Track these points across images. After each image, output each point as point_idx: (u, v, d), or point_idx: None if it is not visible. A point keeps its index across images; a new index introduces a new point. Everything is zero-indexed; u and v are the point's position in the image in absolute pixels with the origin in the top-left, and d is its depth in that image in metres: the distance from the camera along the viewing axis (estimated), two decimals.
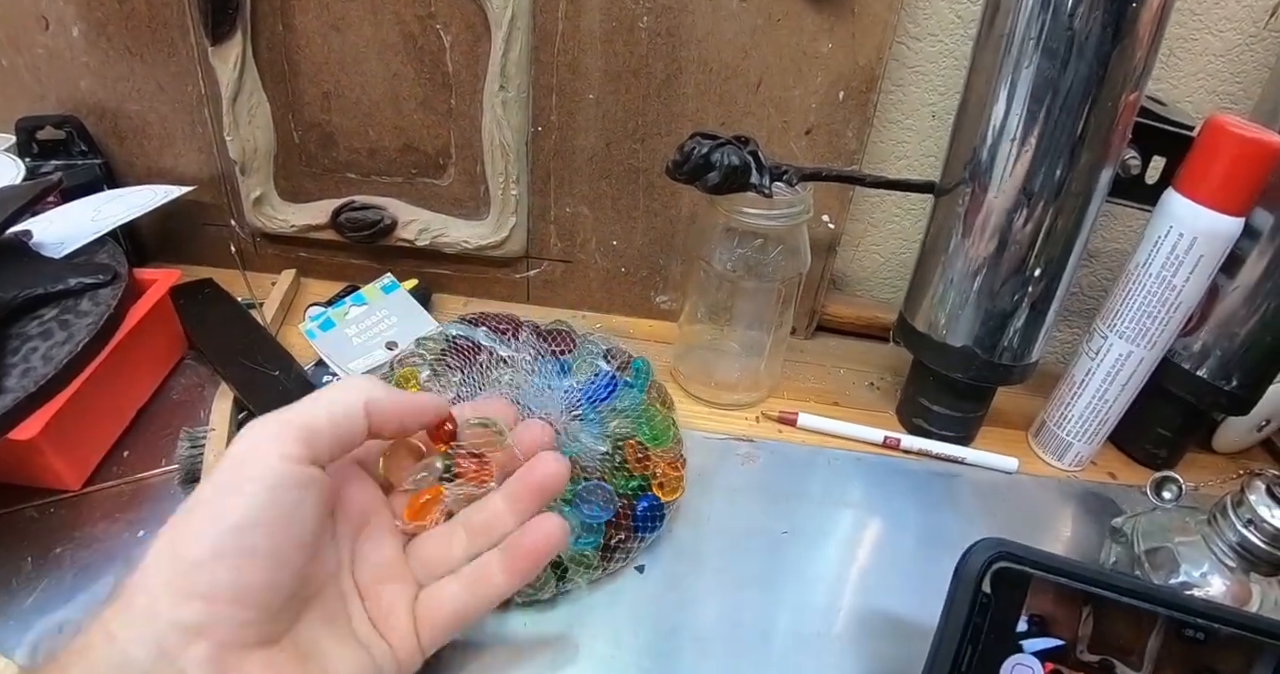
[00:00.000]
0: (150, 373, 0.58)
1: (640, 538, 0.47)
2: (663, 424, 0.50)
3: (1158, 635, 0.37)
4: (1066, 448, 0.57)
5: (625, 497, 0.46)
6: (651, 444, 0.49)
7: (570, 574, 0.45)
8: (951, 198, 0.53)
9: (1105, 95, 0.47)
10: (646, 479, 0.48)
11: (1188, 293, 0.50)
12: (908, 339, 0.56)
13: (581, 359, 0.53)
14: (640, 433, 0.49)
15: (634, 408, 0.50)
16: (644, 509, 0.46)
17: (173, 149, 0.65)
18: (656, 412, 0.51)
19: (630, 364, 0.53)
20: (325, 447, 0.32)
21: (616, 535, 0.46)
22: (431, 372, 0.52)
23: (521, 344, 0.54)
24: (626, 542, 0.46)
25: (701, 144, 0.51)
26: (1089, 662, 0.38)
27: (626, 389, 0.51)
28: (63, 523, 0.50)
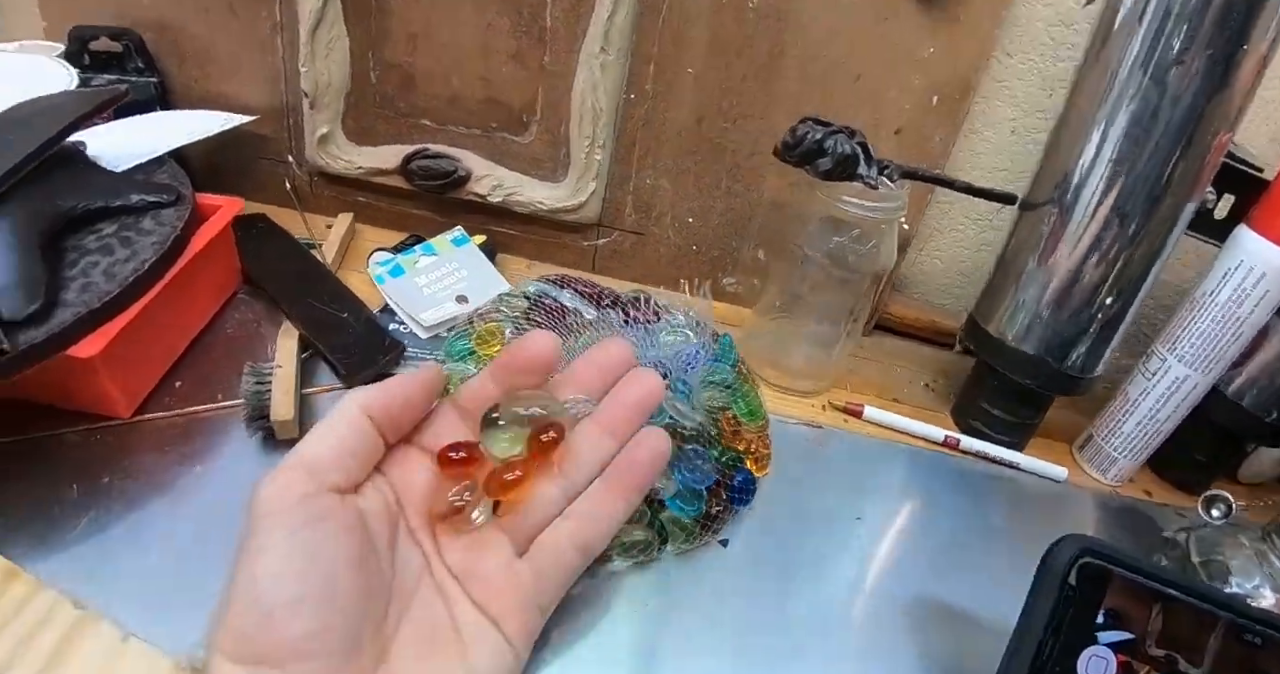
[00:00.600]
0: (207, 303, 0.55)
1: (735, 510, 0.47)
2: (755, 401, 0.50)
3: (1218, 637, 0.39)
4: (1112, 463, 0.59)
5: (722, 468, 0.46)
6: (746, 419, 0.49)
7: (670, 541, 0.45)
8: (1037, 214, 0.55)
9: (1203, 132, 0.49)
10: (740, 453, 0.48)
11: (1250, 324, 0.53)
12: (979, 341, 0.58)
13: (666, 329, 0.53)
14: (736, 407, 0.49)
15: (727, 381, 0.50)
16: (740, 482, 0.47)
17: (236, 76, 0.62)
18: (749, 387, 0.51)
19: (718, 339, 0.53)
20: (337, 471, 0.30)
21: (715, 505, 0.46)
22: (515, 328, 0.51)
23: (604, 309, 0.54)
24: (724, 513, 0.46)
25: (815, 129, 0.52)
26: (1156, 655, 0.39)
27: (715, 363, 0.51)
28: (110, 451, 0.47)
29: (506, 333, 0.51)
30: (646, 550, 0.44)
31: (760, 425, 0.50)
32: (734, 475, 0.47)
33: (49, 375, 0.44)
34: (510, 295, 0.53)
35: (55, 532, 0.42)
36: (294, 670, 0.26)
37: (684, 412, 0.47)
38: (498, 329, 0.51)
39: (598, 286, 0.55)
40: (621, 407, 0.37)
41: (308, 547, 0.28)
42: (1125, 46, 0.49)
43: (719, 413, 0.48)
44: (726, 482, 0.46)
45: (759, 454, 0.49)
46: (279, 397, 0.48)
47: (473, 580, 0.33)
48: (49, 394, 0.48)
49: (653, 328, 0.53)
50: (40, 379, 0.44)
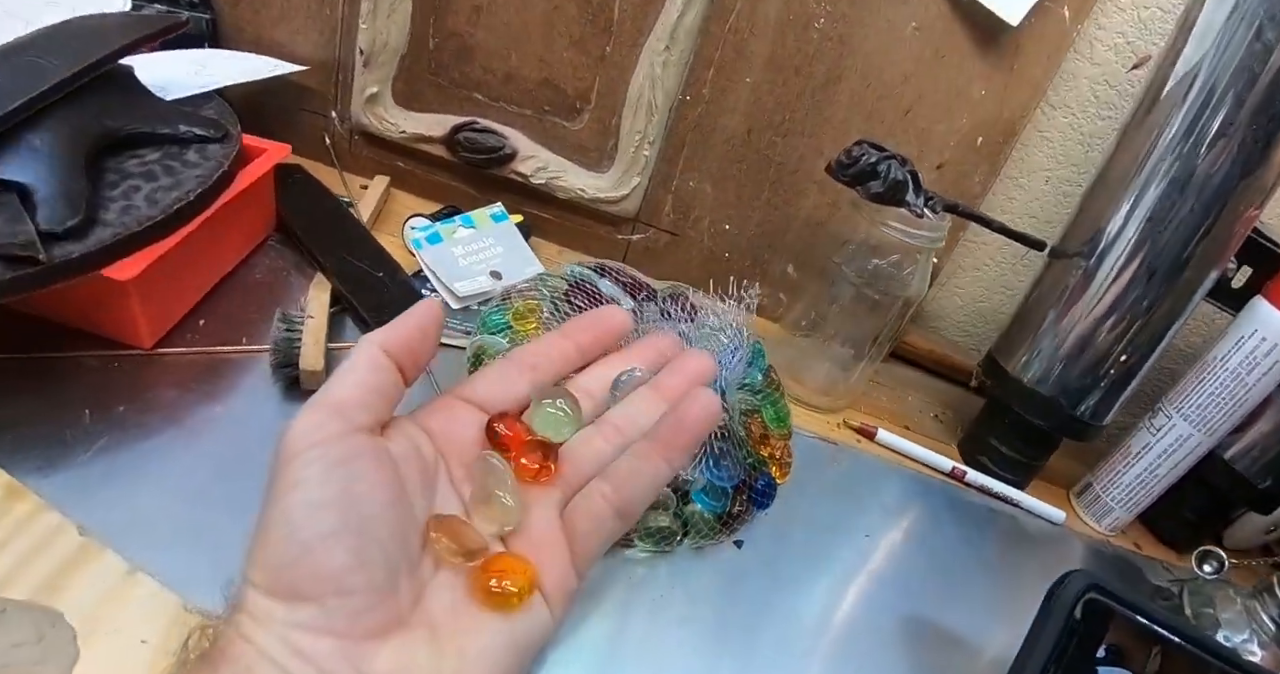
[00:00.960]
0: (239, 245, 0.54)
1: (754, 513, 0.47)
2: (784, 409, 0.51)
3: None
4: (1107, 512, 0.61)
5: (747, 470, 0.46)
6: (774, 425, 0.49)
7: (690, 534, 0.44)
8: (1065, 265, 0.57)
9: (1234, 205, 0.52)
10: (764, 458, 0.48)
11: (1256, 391, 0.55)
12: (996, 378, 0.59)
13: (703, 328, 0.53)
14: (764, 413, 0.49)
15: (756, 387, 0.51)
16: (763, 485, 0.47)
17: (291, 23, 0.61)
18: (778, 395, 0.51)
19: (750, 345, 0.54)
20: (364, 410, 0.29)
21: (737, 506, 0.46)
22: (553, 308, 0.50)
23: (641, 302, 0.54)
24: (744, 513, 0.46)
25: (870, 152, 0.53)
26: None
27: (749, 368, 0.52)
28: (128, 380, 0.46)
29: (544, 311, 0.50)
30: (668, 539, 0.44)
31: (785, 433, 0.51)
32: (758, 478, 0.47)
33: (78, 294, 0.43)
34: (550, 276, 0.53)
35: (65, 456, 0.41)
36: (332, 605, 0.25)
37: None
38: (536, 307, 0.50)
39: (636, 279, 0.55)
40: (678, 374, 0.36)
41: (344, 481, 0.27)
42: (1169, 115, 0.52)
43: (748, 417, 0.49)
44: (750, 483, 0.46)
45: (782, 461, 0.50)
46: (310, 346, 0.47)
47: (513, 534, 0.32)
48: (73, 315, 0.46)
49: (688, 327, 0.53)
50: (68, 297, 0.43)
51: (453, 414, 0.33)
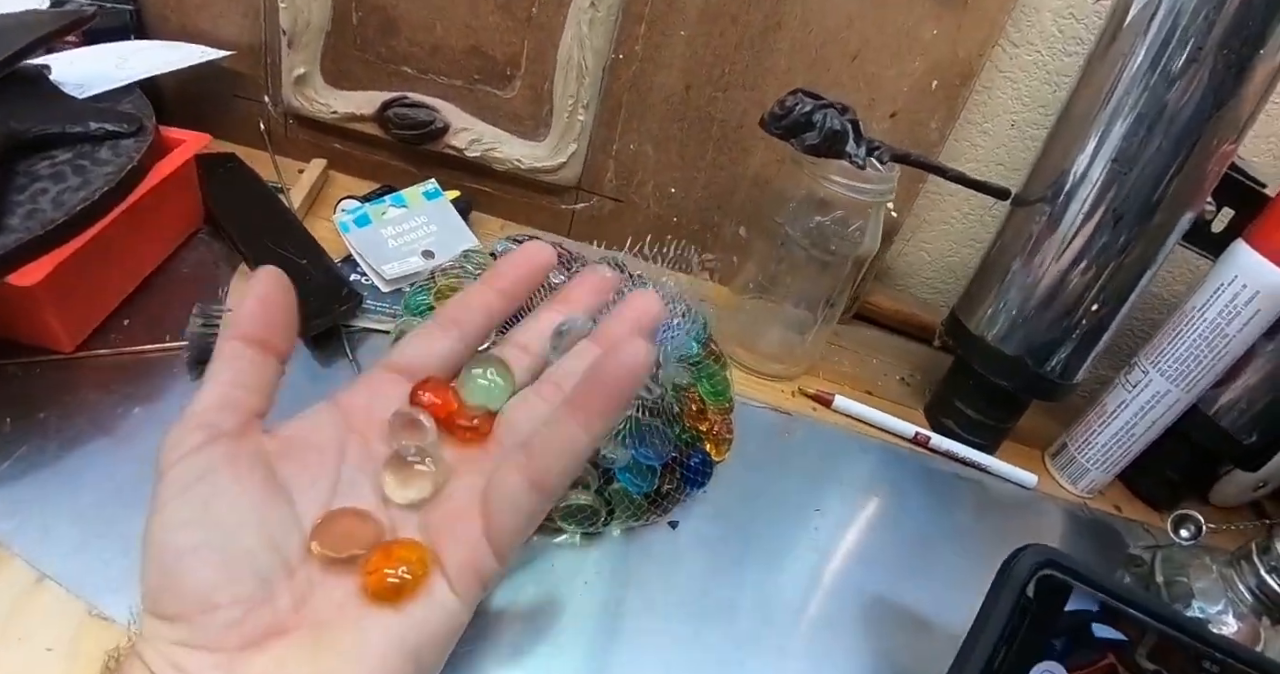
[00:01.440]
0: (163, 240, 0.53)
1: (688, 492, 0.45)
2: (722, 382, 0.49)
3: (1181, 661, 0.38)
4: (1083, 473, 0.58)
5: (680, 447, 0.45)
6: (711, 400, 0.47)
7: (617, 515, 0.43)
8: (1028, 211, 0.53)
9: (1207, 140, 0.47)
10: (700, 434, 0.46)
11: (1237, 343, 0.51)
12: (958, 339, 0.56)
13: None
14: (701, 386, 0.47)
15: (694, 358, 0.49)
16: (696, 463, 0.45)
17: (213, 8, 0.60)
18: (716, 367, 0.49)
19: (688, 313, 0.51)
20: (228, 411, 0.28)
21: (667, 485, 0.44)
22: None
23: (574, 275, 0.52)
24: (675, 492, 0.44)
25: (804, 102, 0.50)
26: (1146, 669, 0.38)
27: (686, 338, 0.50)
28: (50, 386, 0.45)
29: None
30: (592, 519, 0.43)
31: (724, 407, 0.49)
32: (691, 455, 0.45)
33: None
34: (474, 252, 0.51)
35: None
36: (201, 622, 0.25)
37: (646, 383, 0.45)
38: (459, 285, 0.49)
39: (569, 251, 0.53)
40: (619, 320, 0.35)
41: (203, 497, 0.27)
42: (1134, 45, 0.47)
43: (684, 391, 0.47)
44: (682, 461, 0.45)
45: (720, 438, 0.48)
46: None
47: (432, 505, 0.29)
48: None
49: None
50: None
51: (376, 387, 0.32)
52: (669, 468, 0.44)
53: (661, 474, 0.44)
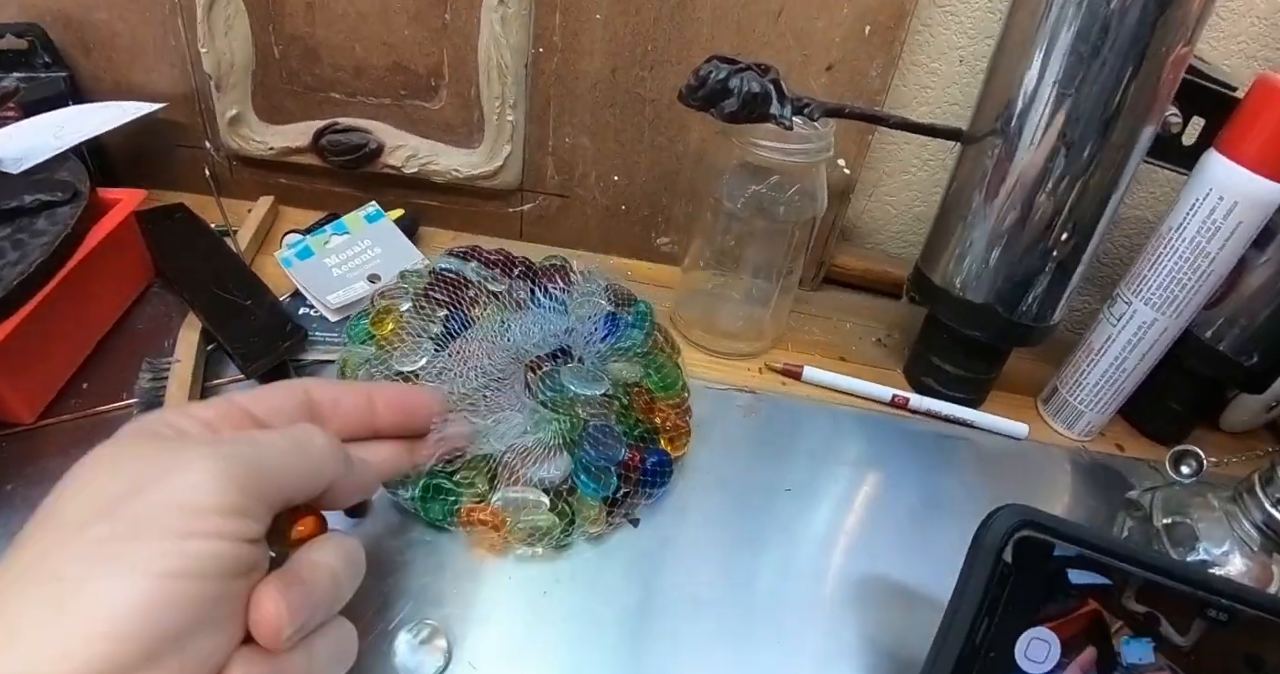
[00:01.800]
0: (113, 300, 0.54)
1: (646, 495, 0.44)
2: (672, 372, 0.47)
3: (1188, 611, 0.36)
4: (1078, 416, 0.55)
5: (632, 447, 0.43)
6: (660, 392, 0.46)
7: (576, 527, 0.42)
8: (980, 147, 0.50)
9: (1158, 44, 0.44)
10: (653, 430, 0.45)
11: (1221, 261, 0.48)
12: (924, 293, 0.54)
13: (579, 297, 0.50)
14: (648, 379, 0.46)
15: (638, 350, 0.47)
16: (653, 464, 0.44)
17: (143, 62, 0.60)
18: (664, 357, 0.48)
19: (633, 304, 0.50)
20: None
21: (623, 489, 0.43)
22: (414, 305, 0.48)
23: (515, 280, 0.51)
24: (632, 496, 0.43)
25: (719, 68, 0.47)
26: (1134, 611, 0.35)
27: (629, 330, 0.48)
28: (14, 458, 0.46)
29: (403, 309, 0.48)
30: (548, 535, 0.42)
31: (677, 399, 0.47)
32: (645, 457, 0.44)
33: None
34: (412, 272, 0.51)
35: None
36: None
37: (583, 383, 0.44)
38: (393, 307, 0.49)
39: (510, 256, 0.52)
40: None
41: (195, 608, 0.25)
42: None
43: (631, 387, 0.45)
44: (638, 463, 0.43)
45: (676, 430, 0.46)
46: (173, 393, 0.47)
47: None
48: None
49: (566, 296, 0.50)
50: None
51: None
52: (626, 471, 0.43)
53: (619, 477, 0.43)
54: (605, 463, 0.43)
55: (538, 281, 0.51)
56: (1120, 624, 0.35)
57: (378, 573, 0.40)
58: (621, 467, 0.43)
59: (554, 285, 0.50)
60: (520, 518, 0.41)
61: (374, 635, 0.38)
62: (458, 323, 0.47)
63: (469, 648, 0.38)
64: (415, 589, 0.40)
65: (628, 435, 0.44)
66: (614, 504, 0.43)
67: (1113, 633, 0.35)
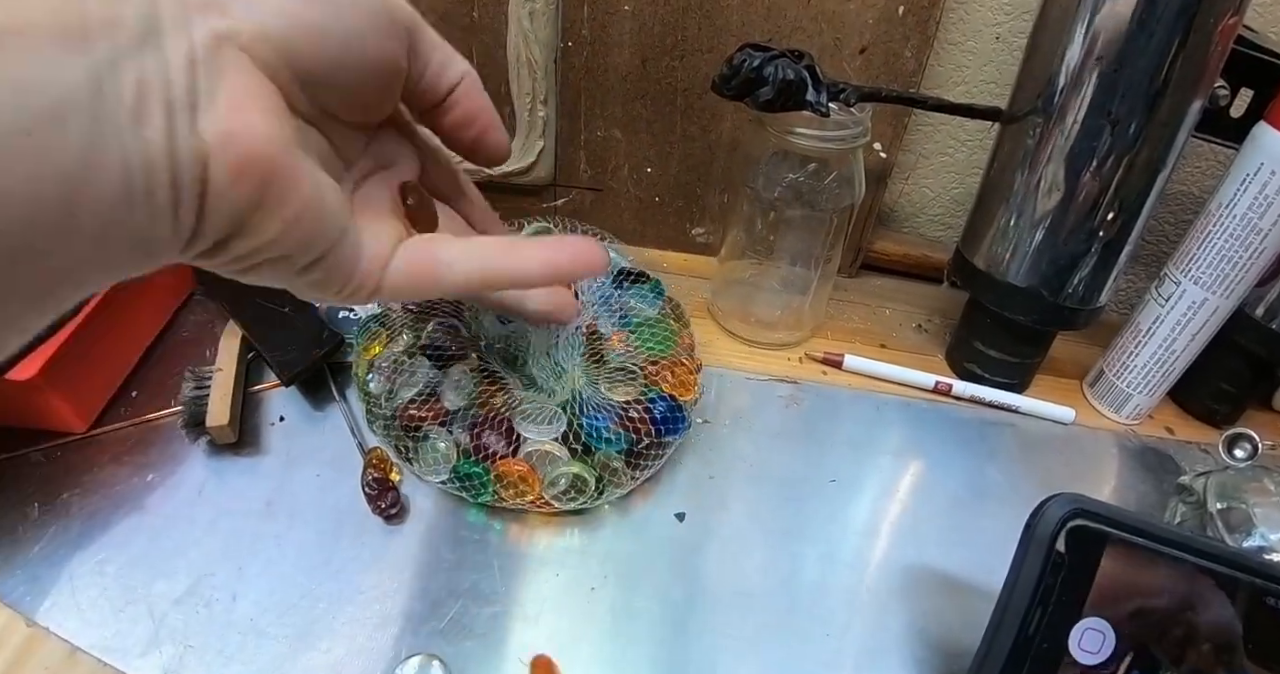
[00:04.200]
0: (157, 309, 0.55)
1: (667, 441, 0.45)
2: (666, 331, 0.48)
3: (1242, 601, 0.35)
4: (1125, 400, 0.54)
5: (639, 405, 0.44)
6: (658, 350, 0.47)
7: (605, 488, 0.43)
8: (1021, 127, 0.49)
9: (1205, 15, 0.42)
10: (657, 386, 0.46)
11: (1274, 237, 0.46)
12: (965, 278, 0.53)
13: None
14: (646, 347, 0.47)
15: (652, 321, 0.49)
16: (662, 411, 0.44)
17: None
18: (666, 321, 0.49)
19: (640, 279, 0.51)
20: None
21: (640, 442, 0.43)
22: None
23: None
24: (652, 448, 0.44)
25: (753, 56, 0.47)
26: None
27: (637, 303, 0.50)
28: (69, 467, 0.47)
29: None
30: (582, 490, 0.42)
31: (673, 355, 0.48)
32: (653, 407, 0.44)
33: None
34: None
35: (18, 551, 0.43)
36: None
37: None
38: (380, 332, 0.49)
39: None
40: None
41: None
42: None
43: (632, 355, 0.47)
44: (646, 415, 0.43)
45: (681, 379, 0.47)
46: (216, 401, 0.47)
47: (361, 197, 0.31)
48: (4, 417, 0.48)
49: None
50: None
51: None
52: (635, 427, 0.43)
53: (629, 427, 0.43)
54: (605, 421, 0.43)
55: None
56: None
57: (425, 573, 0.41)
58: (629, 422, 0.43)
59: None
60: (549, 470, 0.42)
61: (427, 633, 0.38)
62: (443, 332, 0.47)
63: (518, 645, 0.39)
64: (464, 588, 0.41)
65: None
66: (637, 456, 0.44)
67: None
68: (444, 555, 0.42)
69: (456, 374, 0.45)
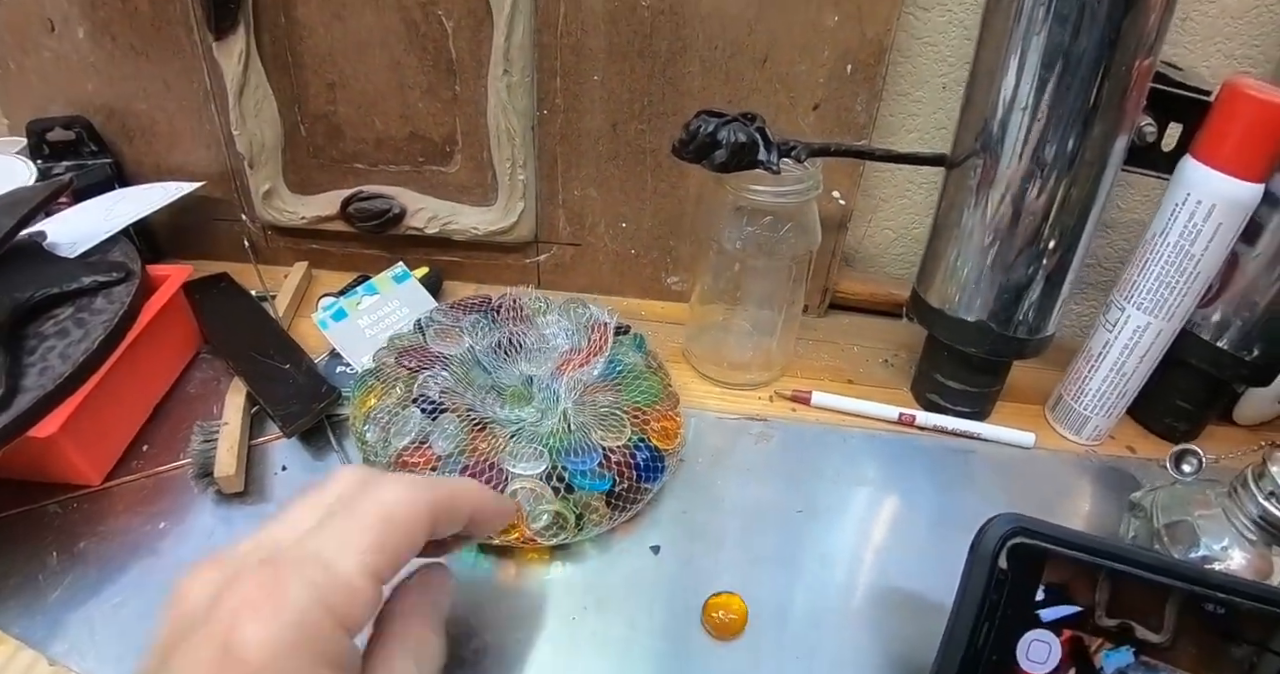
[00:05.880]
0: (167, 367, 0.59)
1: (645, 487, 0.47)
2: (654, 385, 0.51)
3: (1174, 603, 0.37)
4: (1084, 422, 0.56)
5: (623, 451, 0.47)
6: (646, 403, 0.50)
7: (584, 525, 0.46)
8: (963, 170, 0.52)
9: (1118, 61, 0.46)
10: (642, 435, 0.48)
11: (1206, 262, 0.49)
12: (921, 314, 0.56)
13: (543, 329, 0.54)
14: (628, 393, 0.50)
15: (635, 371, 0.52)
16: (644, 459, 0.47)
17: (181, 146, 0.66)
18: (650, 374, 0.52)
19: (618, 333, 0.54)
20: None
21: (621, 485, 0.46)
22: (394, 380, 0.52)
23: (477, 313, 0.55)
24: (631, 491, 0.47)
25: (707, 121, 0.51)
26: (1107, 626, 0.37)
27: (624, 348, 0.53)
28: (86, 517, 0.50)
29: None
30: (563, 526, 0.45)
31: (659, 405, 0.51)
32: (636, 454, 0.47)
33: (20, 455, 0.48)
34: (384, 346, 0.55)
35: (38, 598, 0.46)
36: None
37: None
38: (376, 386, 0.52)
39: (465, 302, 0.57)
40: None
41: None
42: None
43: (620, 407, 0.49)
44: (629, 461, 0.47)
45: (666, 430, 0.50)
46: (223, 453, 0.51)
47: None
48: (25, 471, 0.52)
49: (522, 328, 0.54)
50: (14, 459, 0.48)
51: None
52: (620, 471, 0.46)
53: (616, 474, 0.46)
54: (587, 465, 0.46)
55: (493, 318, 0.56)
56: (1099, 642, 0.37)
57: None
58: (613, 466, 0.46)
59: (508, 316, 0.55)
60: (536, 507, 0.45)
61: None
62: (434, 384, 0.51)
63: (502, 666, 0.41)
64: (451, 621, 0.43)
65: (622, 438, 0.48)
66: (617, 497, 0.46)
67: (1091, 653, 0.37)
68: None
69: (445, 422, 0.48)
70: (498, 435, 0.47)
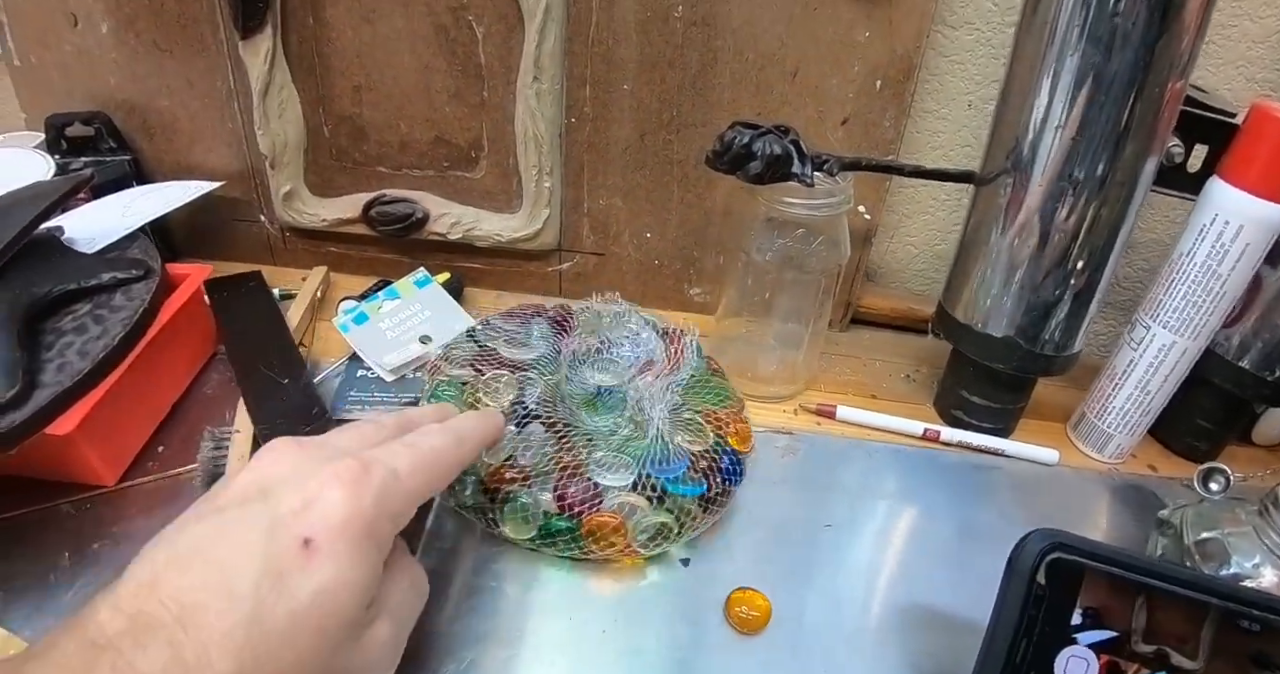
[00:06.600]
0: (184, 368, 0.58)
1: (732, 490, 0.48)
2: (722, 388, 0.53)
3: (1211, 625, 0.37)
4: (1107, 440, 0.56)
5: (709, 456, 0.47)
6: (718, 405, 0.51)
7: (684, 526, 0.46)
8: (993, 188, 0.53)
9: (1151, 83, 0.46)
10: (722, 436, 0.49)
11: (1233, 282, 0.50)
12: (948, 330, 0.56)
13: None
14: (703, 398, 0.51)
15: (700, 376, 0.53)
16: (728, 463, 0.48)
17: (202, 144, 0.65)
18: (715, 378, 0.53)
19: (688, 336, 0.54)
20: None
21: (715, 487, 0.47)
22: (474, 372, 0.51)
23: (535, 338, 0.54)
24: (723, 496, 0.47)
25: (742, 133, 0.51)
26: (1144, 652, 0.37)
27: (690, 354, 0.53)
28: (99, 519, 0.49)
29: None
30: (667, 536, 0.45)
31: (734, 408, 0.52)
32: (720, 458, 0.48)
33: (35, 453, 0.47)
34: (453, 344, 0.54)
35: (51, 599, 0.45)
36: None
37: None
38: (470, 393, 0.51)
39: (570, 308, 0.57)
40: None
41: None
42: (1059, 3, 0.47)
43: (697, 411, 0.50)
44: (717, 466, 0.47)
45: (741, 433, 0.50)
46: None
47: None
48: (39, 469, 0.51)
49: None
50: (28, 456, 0.47)
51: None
52: (709, 476, 0.47)
53: (704, 477, 0.47)
54: (675, 473, 0.46)
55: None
56: (1135, 668, 0.37)
57: (445, 618, 0.43)
58: (700, 471, 0.47)
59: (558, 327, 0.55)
60: (638, 520, 0.45)
61: None
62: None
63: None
64: (481, 633, 0.42)
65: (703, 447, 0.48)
66: (709, 502, 0.47)
67: None
68: (460, 603, 0.44)
69: (529, 434, 0.47)
70: (577, 446, 0.47)
